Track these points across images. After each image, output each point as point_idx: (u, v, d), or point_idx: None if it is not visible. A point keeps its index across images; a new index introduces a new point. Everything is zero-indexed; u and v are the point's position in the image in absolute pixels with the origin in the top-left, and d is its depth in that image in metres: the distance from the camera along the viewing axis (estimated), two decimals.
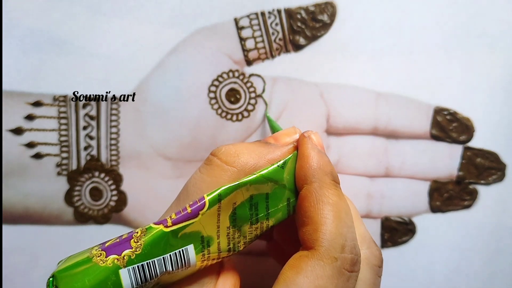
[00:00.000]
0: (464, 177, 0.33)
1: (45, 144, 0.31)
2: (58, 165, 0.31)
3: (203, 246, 0.20)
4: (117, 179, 0.31)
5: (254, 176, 0.21)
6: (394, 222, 0.33)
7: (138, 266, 0.19)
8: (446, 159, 0.32)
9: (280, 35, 0.31)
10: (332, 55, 0.31)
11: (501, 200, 0.33)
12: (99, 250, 0.19)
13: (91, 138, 0.31)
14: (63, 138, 0.31)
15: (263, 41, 0.31)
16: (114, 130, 0.31)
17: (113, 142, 0.31)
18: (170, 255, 0.19)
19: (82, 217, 0.32)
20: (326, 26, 0.31)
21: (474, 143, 0.32)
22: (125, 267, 0.19)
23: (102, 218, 0.32)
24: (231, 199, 0.20)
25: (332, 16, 0.31)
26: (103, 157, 0.31)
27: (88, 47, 0.30)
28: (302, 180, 0.21)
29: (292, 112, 0.31)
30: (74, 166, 0.31)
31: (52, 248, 0.32)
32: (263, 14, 0.30)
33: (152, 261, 0.19)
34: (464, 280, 0.33)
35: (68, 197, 0.31)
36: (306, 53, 0.31)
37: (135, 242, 0.19)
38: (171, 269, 0.20)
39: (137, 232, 0.19)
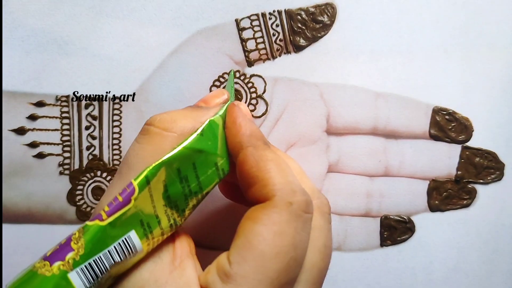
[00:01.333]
0: (463, 176, 0.33)
1: (48, 143, 0.31)
2: (61, 164, 0.31)
3: (144, 229, 0.20)
4: None
5: (177, 150, 0.21)
6: (393, 220, 0.33)
7: (85, 266, 0.19)
8: (445, 159, 0.33)
9: (281, 36, 0.31)
10: (332, 55, 0.31)
11: (499, 199, 0.33)
12: (41, 262, 0.19)
13: (93, 138, 0.31)
14: (65, 138, 0.31)
15: (264, 42, 0.31)
16: (116, 130, 0.31)
17: (115, 142, 0.31)
18: (114, 246, 0.19)
19: (84, 216, 0.32)
20: (326, 27, 0.31)
21: (473, 142, 0.33)
22: (72, 270, 0.19)
23: None
24: (159, 177, 0.20)
25: (332, 17, 0.31)
26: (105, 157, 0.31)
27: (90, 48, 0.30)
28: (237, 147, 0.22)
29: (292, 112, 0.32)
30: (76, 165, 0.31)
31: None
32: (263, 15, 0.31)
33: (98, 257, 0.19)
34: (462, 279, 0.34)
35: (71, 197, 0.32)
36: (306, 54, 0.31)
37: (75, 243, 0.19)
38: (119, 259, 0.20)
39: (75, 234, 0.19)
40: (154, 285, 0.20)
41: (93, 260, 0.19)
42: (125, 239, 0.20)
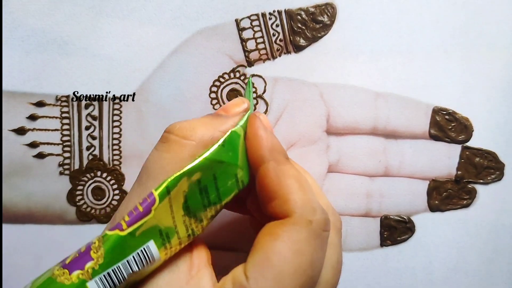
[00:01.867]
0: (462, 176, 0.33)
1: (48, 144, 0.31)
2: (61, 164, 0.31)
3: (163, 239, 0.20)
4: (119, 179, 0.32)
5: (198, 161, 0.21)
6: (393, 220, 0.33)
7: (104, 275, 0.19)
8: (445, 159, 0.33)
9: (281, 36, 0.31)
10: (332, 55, 0.31)
11: (499, 199, 0.33)
12: (61, 270, 0.19)
13: (93, 138, 0.31)
14: (65, 138, 0.31)
15: (264, 42, 0.31)
16: (116, 130, 0.31)
17: (115, 142, 0.31)
18: (133, 256, 0.20)
19: (84, 217, 0.32)
20: (326, 27, 0.31)
21: (473, 142, 0.33)
22: (91, 279, 0.19)
23: (104, 217, 0.32)
24: (180, 188, 0.20)
25: (332, 17, 0.31)
26: (105, 157, 0.31)
27: (90, 48, 0.30)
28: (258, 160, 0.21)
29: (292, 112, 0.32)
30: (76, 165, 0.31)
31: (55, 248, 0.32)
32: (263, 15, 0.31)
33: (116, 267, 0.19)
34: (462, 279, 0.34)
35: (71, 197, 0.32)
36: (306, 54, 0.31)
37: (94, 252, 0.19)
38: (137, 269, 0.20)
39: (95, 243, 0.19)
40: None
41: (112, 270, 0.19)
42: (144, 249, 0.20)
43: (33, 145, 0.31)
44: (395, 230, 0.33)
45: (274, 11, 0.31)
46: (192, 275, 0.21)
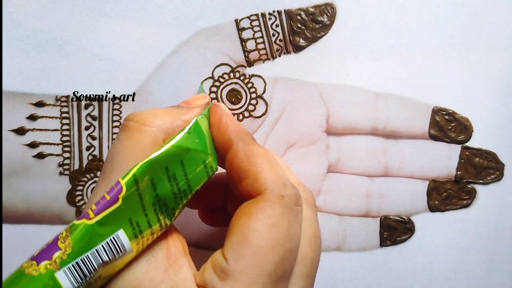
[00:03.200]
0: (462, 176, 0.33)
1: (48, 144, 0.31)
2: (60, 165, 0.31)
3: (133, 228, 0.20)
4: None
5: (165, 148, 0.21)
6: (393, 221, 0.33)
7: (73, 265, 0.19)
8: (444, 159, 0.33)
9: (281, 36, 0.31)
10: (331, 56, 0.31)
11: (499, 200, 0.33)
12: (29, 262, 0.19)
13: (93, 138, 0.31)
14: (65, 138, 0.31)
15: (263, 42, 0.31)
16: (116, 130, 0.31)
17: None
18: (102, 245, 0.19)
19: None
20: (325, 27, 0.31)
21: (473, 142, 0.33)
22: (59, 269, 0.19)
23: None
24: (147, 176, 0.20)
25: (332, 18, 0.31)
26: (105, 157, 0.31)
27: (90, 48, 0.30)
28: (226, 143, 0.22)
29: (292, 112, 0.32)
30: (76, 166, 0.31)
31: None
32: (263, 15, 0.31)
33: (85, 256, 0.19)
34: (462, 279, 0.34)
35: (70, 197, 0.32)
36: (306, 54, 0.31)
37: (62, 242, 0.19)
38: (107, 259, 0.19)
39: (62, 233, 0.19)
40: (149, 284, 0.20)
41: (81, 260, 0.19)
42: (113, 238, 0.20)
43: (32, 145, 0.31)
44: (395, 230, 0.33)
45: (273, 11, 0.31)
46: (170, 263, 0.21)
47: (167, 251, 0.21)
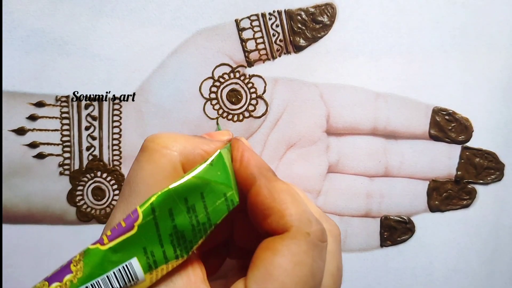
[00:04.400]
0: (462, 176, 0.33)
1: (48, 144, 0.31)
2: (61, 165, 0.31)
3: (147, 257, 0.20)
4: (119, 179, 0.32)
5: (185, 178, 0.20)
6: (393, 221, 0.33)
7: None
8: (445, 159, 0.33)
9: (281, 36, 0.31)
10: (332, 56, 0.31)
11: (499, 200, 0.33)
12: (42, 282, 0.19)
13: (93, 138, 0.31)
14: (65, 138, 0.31)
15: (263, 42, 0.31)
16: (116, 130, 0.31)
17: (115, 142, 0.31)
18: (113, 272, 0.19)
19: (84, 217, 0.32)
20: (326, 27, 0.31)
21: (473, 143, 0.33)
22: None
23: (104, 218, 0.32)
24: (166, 205, 0.20)
25: (332, 18, 0.31)
26: (105, 157, 0.31)
27: (90, 48, 0.30)
28: (248, 179, 0.22)
29: (292, 113, 0.32)
30: (76, 166, 0.31)
31: (55, 248, 0.32)
32: (263, 15, 0.31)
33: (96, 281, 0.19)
34: (462, 279, 0.34)
35: (71, 197, 0.32)
36: (306, 54, 0.31)
37: (74, 266, 0.19)
38: (118, 286, 0.19)
39: (76, 257, 0.19)
40: None
41: (91, 285, 0.19)
42: (126, 266, 0.19)
43: (33, 145, 0.31)
44: (395, 231, 0.33)
45: (274, 12, 0.31)
46: None
47: (187, 278, 0.21)
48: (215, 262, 0.26)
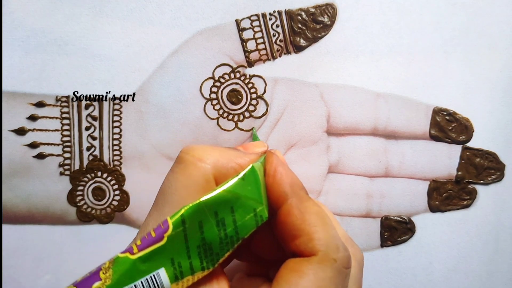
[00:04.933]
0: (463, 177, 0.33)
1: (48, 144, 0.31)
2: (61, 165, 0.31)
3: (174, 268, 0.20)
4: (120, 179, 0.32)
5: (216, 192, 0.20)
6: (393, 221, 0.33)
7: None
8: (445, 159, 0.33)
9: (281, 37, 0.31)
10: (332, 56, 0.31)
11: (500, 200, 0.33)
12: (70, 287, 0.19)
13: (93, 138, 0.31)
14: (65, 139, 0.31)
15: (264, 42, 0.31)
16: (116, 130, 0.31)
17: (115, 142, 0.31)
18: (141, 281, 0.19)
19: (85, 217, 0.32)
20: (326, 28, 0.31)
21: (473, 143, 0.33)
22: None
23: (105, 218, 0.32)
24: (196, 218, 0.20)
25: (333, 18, 0.31)
26: (106, 157, 0.31)
27: (90, 48, 0.30)
28: (281, 196, 0.22)
29: (292, 113, 0.31)
30: (76, 166, 0.31)
31: (55, 248, 0.32)
32: (264, 15, 0.31)
33: None
34: (463, 279, 0.34)
35: (71, 197, 0.32)
36: (306, 54, 0.31)
37: (103, 273, 0.19)
38: None
39: (106, 264, 0.19)
40: None
41: None
42: (154, 275, 0.20)
43: (33, 145, 0.31)
44: (396, 231, 0.33)
45: (274, 12, 0.31)
46: None
47: None
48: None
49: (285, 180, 0.22)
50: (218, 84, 0.31)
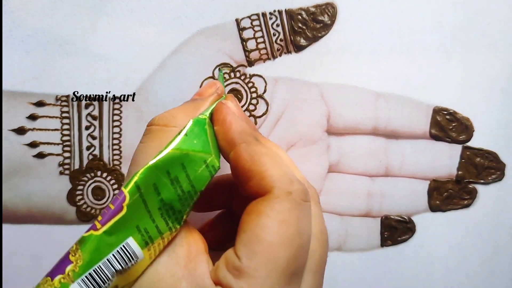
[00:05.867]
0: (463, 176, 0.33)
1: (48, 143, 0.31)
2: (61, 164, 0.31)
3: (142, 234, 0.20)
4: (120, 179, 0.32)
5: (164, 153, 0.21)
6: (394, 221, 0.33)
7: (86, 276, 0.19)
8: (445, 159, 0.33)
9: (281, 36, 0.31)
10: (332, 55, 0.31)
11: (500, 200, 0.33)
12: (44, 279, 0.19)
13: (93, 138, 0.31)
14: (65, 138, 0.31)
15: (264, 41, 0.31)
16: (116, 130, 0.31)
17: (115, 142, 0.31)
18: (112, 254, 0.20)
19: (85, 217, 0.32)
20: (326, 27, 0.31)
21: (474, 142, 0.33)
22: (73, 281, 0.19)
23: None
24: (149, 181, 0.20)
25: (333, 17, 0.31)
26: (106, 157, 0.31)
27: (90, 48, 0.30)
28: (229, 144, 0.22)
29: (293, 112, 0.31)
30: (76, 165, 0.31)
31: (55, 248, 0.32)
32: (264, 15, 0.31)
33: (98, 266, 0.19)
34: (463, 279, 0.34)
35: (71, 197, 0.32)
36: (307, 54, 0.31)
37: (73, 256, 0.19)
38: (120, 267, 0.20)
39: (73, 247, 0.20)
40: (170, 279, 0.20)
41: (93, 270, 0.19)
42: (123, 246, 0.20)
43: (33, 145, 0.31)
44: (396, 231, 0.33)
45: (274, 11, 0.31)
46: (190, 259, 0.21)
47: (187, 247, 0.21)
48: (216, 234, 0.27)
49: (233, 128, 0.22)
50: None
